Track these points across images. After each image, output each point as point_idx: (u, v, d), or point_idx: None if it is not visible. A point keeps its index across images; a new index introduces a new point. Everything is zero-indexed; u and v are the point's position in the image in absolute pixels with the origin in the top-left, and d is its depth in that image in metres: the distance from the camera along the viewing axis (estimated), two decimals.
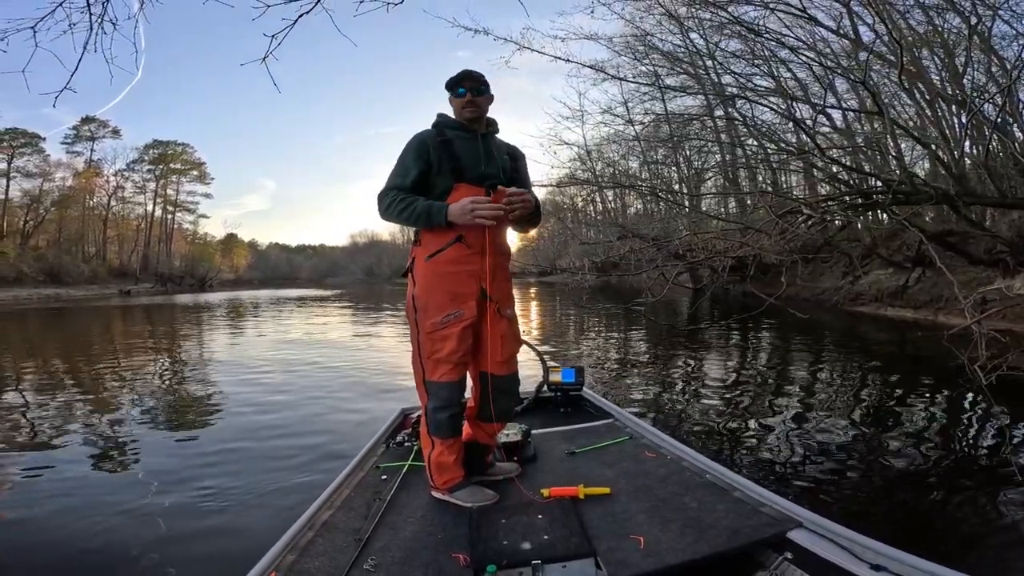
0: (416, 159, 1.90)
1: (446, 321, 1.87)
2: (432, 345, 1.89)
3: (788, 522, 1.62)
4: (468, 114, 1.96)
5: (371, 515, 1.80)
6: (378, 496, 1.95)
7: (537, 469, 2.19)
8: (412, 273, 1.94)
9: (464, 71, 1.97)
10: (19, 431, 4.55)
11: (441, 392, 1.91)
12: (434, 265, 1.87)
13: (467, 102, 1.94)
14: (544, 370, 3.15)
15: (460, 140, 1.94)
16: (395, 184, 1.90)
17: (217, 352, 9.52)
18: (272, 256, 78.80)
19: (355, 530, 1.71)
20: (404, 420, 2.80)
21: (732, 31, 8.14)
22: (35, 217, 44.04)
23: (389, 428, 2.71)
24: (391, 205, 1.86)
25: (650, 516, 1.73)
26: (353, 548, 1.59)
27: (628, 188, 11.74)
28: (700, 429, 4.14)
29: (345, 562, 1.52)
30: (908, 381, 5.56)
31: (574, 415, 3.02)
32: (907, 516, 2.70)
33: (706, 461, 2.13)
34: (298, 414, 4.81)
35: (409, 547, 1.62)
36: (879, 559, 1.40)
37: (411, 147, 1.92)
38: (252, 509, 2.86)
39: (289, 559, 1.54)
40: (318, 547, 1.61)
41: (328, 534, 1.69)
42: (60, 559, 2.44)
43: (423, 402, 1.97)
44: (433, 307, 1.87)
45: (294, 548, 1.60)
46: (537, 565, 1.48)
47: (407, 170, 1.90)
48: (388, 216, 1.89)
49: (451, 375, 1.90)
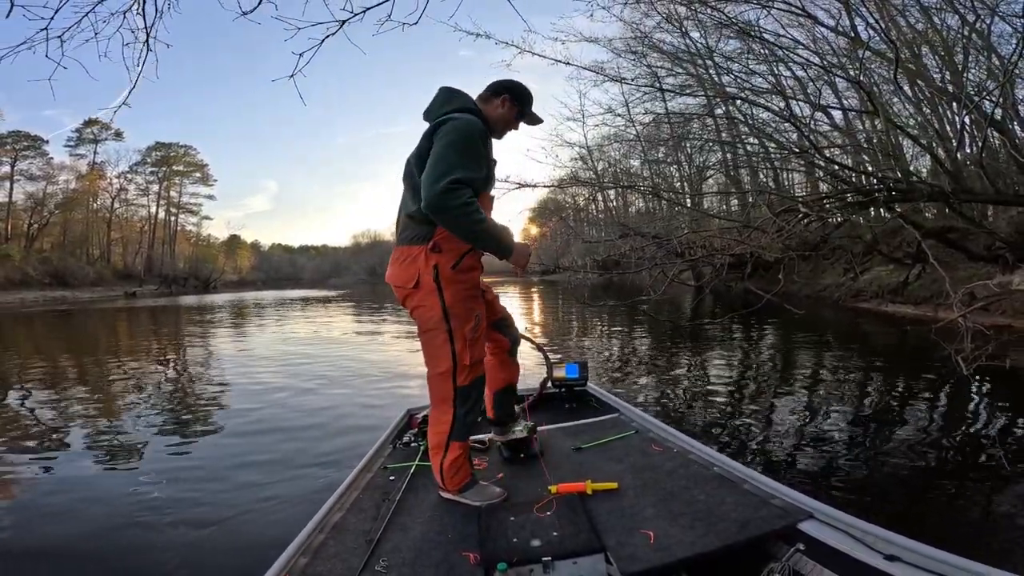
0: (483, 157, 1.76)
1: (477, 324, 1.90)
2: (472, 350, 1.88)
3: (799, 513, 1.61)
4: (502, 132, 1.96)
5: (380, 516, 1.81)
6: (387, 497, 1.96)
7: (544, 465, 2.17)
8: (438, 283, 1.80)
9: (532, 97, 1.97)
10: (33, 432, 4.65)
11: (473, 393, 1.92)
12: (461, 273, 1.84)
13: (515, 123, 1.97)
14: (548, 366, 3.11)
15: (489, 146, 1.88)
16: (465, 179, 1.64)
17: (224, 354, 9.61)
18: (275, 257, 78.90)
19: (365, 531, 1.72)
20: (410, 420, 2.79)
21: (731, 31, 8.21)
22: (39, 220, 44.29)
23: (395, 429, 2.70)
24: (468, 208, 1.63)
25: (659, 510, 1.73)
26: (364, 549, 1.61)
27: (629, 188, 11.79)
28: (706, 423, 4.19)
29: (357, 564, 1.53)
30: (911, 374, 5.63)
31: (579, 410, 3.01)
32: (918, 506, 2.73)
33: (714, 454, 2.12)
34: (304, 415, 4.87)
35: (419, 547, 1.63)
36: (892, 549, 1.39)
37: (477, 138, 1.75)
38: (261, 511, 2.89)
39: (302, 562, 1.55)
40: (330, 549, 1.63)
41: (339, 536, 1.71)
42: (69, 560, 2.48)
43: (448, 412, 1.91)
44: (466, 314, 1.86)
45: (307, 551, 1.61)
46: (547, 562, 1.49)
47: (477, 167, 1.71)
48: (457, 215, 1.63)
49: (481, 371, 1.96)
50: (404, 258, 1.85)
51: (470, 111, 1.83)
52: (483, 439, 2.43)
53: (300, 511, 2.53)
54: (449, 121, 1.75)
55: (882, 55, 8.28)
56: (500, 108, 1.92)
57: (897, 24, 8.46)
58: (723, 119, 11.08)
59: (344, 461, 3.40)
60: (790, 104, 8.50)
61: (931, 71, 9.42)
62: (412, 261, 1.81)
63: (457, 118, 1.76)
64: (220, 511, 2.90)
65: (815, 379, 5.78)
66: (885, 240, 12.94)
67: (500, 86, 1.96)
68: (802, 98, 9.69)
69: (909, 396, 4.83)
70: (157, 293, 41.06)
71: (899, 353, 7.26)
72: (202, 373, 7.54)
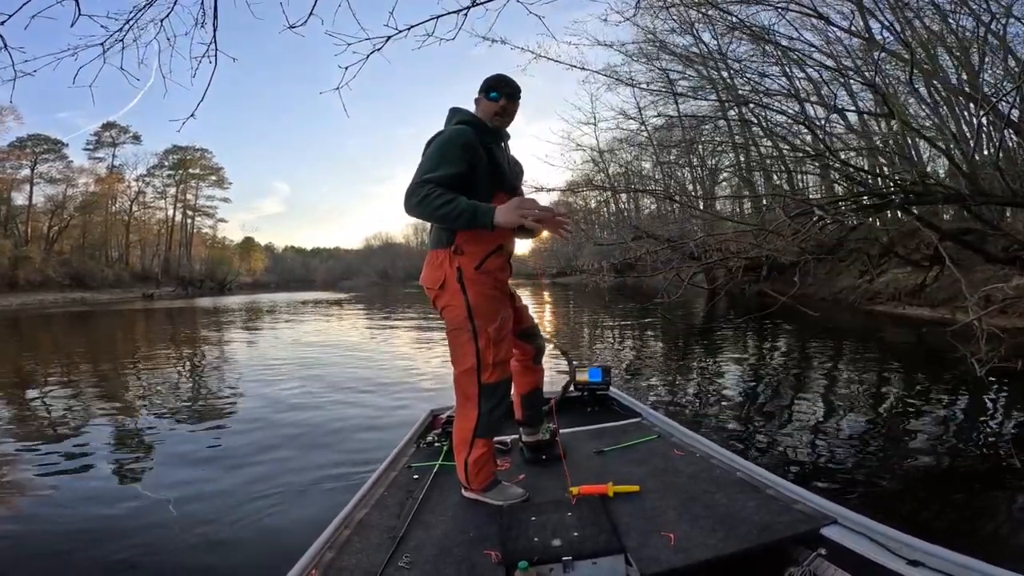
0: (462, 156, 1.80)
1: (502, 323, 1.95)
2: (496, 349, 1.92)
3: (822, 518, 1.61)
4: (498, 120, 1.96)
5: (404, 514, 1.84)
6: (411, 495, 2.00)
7: (566, 467, 2.15)
8: (462, 283, 1.87)
9: (499, 75, 1.96)
10: (67, 429, 4.77)
11: (498, 391, 1.96)
12: (484, 274, 1.90)
13: (500, 108, 1.94)
14: (571, 370, 3.15)
15: (494, 145, 1.94)
16: (433, 178, 1.74)
17: (246, 354, 9.77)
18: (288, 259, 79.58)
19: (389, 528, 1.76)
20: (434, 420, 2.84)
21: (743, 33, 8.21)
22: (59, 222, 44.96)
23: (419, 428, 2.74)
24: (428, 198, 1.71)
25: (680, 513, 1.74)
26: (388, 546, 1.64)
27: (647, 193, 11.80)
28: (725, 427, 4.19)
29: (381, 559, 1.57)
30: (932, 377, 5.59)
31: (601, 414, 3.02)
32: (942, 510, 2.72)
33: (736, 459, 2.13)
34: (327, 415, 4.94)
35: (442, 545, 1.66)
36: (916, 554, 1.38)
37: (455, 143, 1.81)
38: (288, 507, 2.96)
39: (328, 556, 1.59)
40: (355, 545, 1.66)
41: (364, 532, 1.74)
42: (89, 558, 2.53)
43: (472, 409, 1.95)
44: (490, 314, 1.91)
45: (332, 546, 1.65)
46: (568, 561, 1.50)
47: (450, 165, 1.77)
48: (422, 209, 1.73)
49: (505, 371, 1.99)
50: (432, 261, 1.94)
51: (463, 122, 1.91)
52: (506, 440, 2.47)
53: (325, 508, 2.61)
54: (436, 136, 1.89)
55: (898, 55, 8.25)
56: (479, 107, 1.99)
57: (912, 25, 8.42)
58: (737, 121, 11.07)
59: (369, 461, 3.42)
60: (804, 107, 8.50)
61: (947, 72, 9.36)
62: (439, 264, 1.91)
63: (442, 131, 1.90)
64: (248, 508, 2.97)
65: (834, 382, 5.76)
66: (902, 242, 12.85)
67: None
68: (816, 100, 9.65)
69: (930, 398, 4.80)
70: (174, 295, 41.64)
71: (918, 355, 7.22)
72: (226, 373, 7.62)
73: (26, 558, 2.55)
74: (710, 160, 17.57)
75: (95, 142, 50.37)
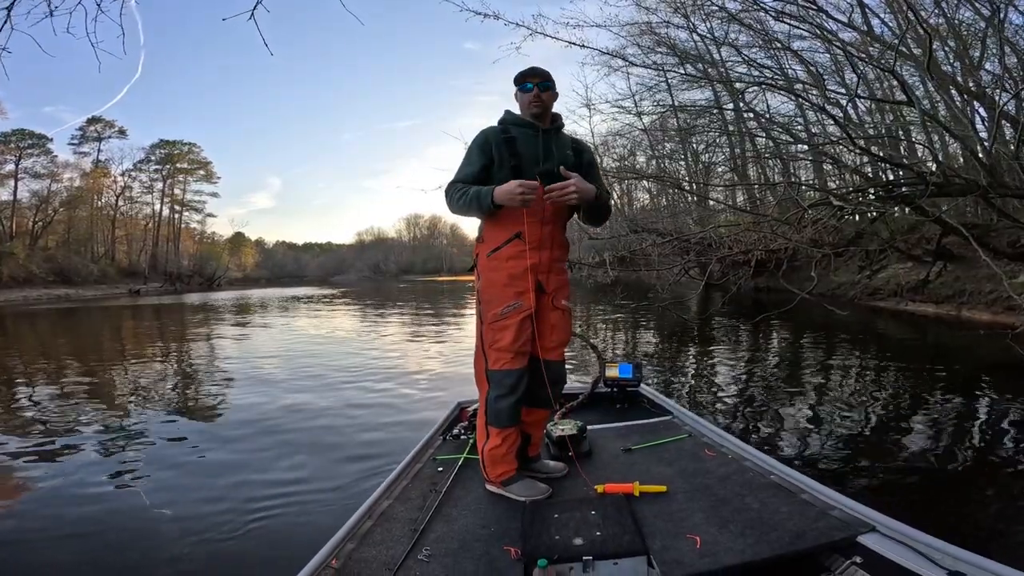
0: (479, 154, 1.99)
1: (506, 312, 1.96)
2: (493, 335, 1.98)
3: (860, 525, 1.55)
4: (534, 109, 2.02)
5: (427, 506, 1.83)
6: (434, 488, 1.99)
7: (592, 465, 2.16)
8: (477, 269, 2.05)
9: (531, 68, 2.04)
10: (66, 430, 4.51)
11: (504, 380, 1.97)
12: (495, 260, 1.99)
13: (533, 97, 2.00)
14: (600, 365, 3.14)
15: (523, 136, 2.01)
16: (459, 177, 2.00)
17: (250, 350, 9.54)
18: (279, 254, 79.05)
19: (411, 520, 1.75)
20: (460, 413, 2.82)
21: (744, 19, 8.02)
22: (44, 218, 44.20)
23: (446, 421, 2.74)
24: (449, 195, 1.99)
25: (708, 516, 1.70)
26: (409, 538, 1.63)
27: (644, 178, 11.58)
28: (757, 427, 4.06)
29: (401, 551, 1.56)
30: (967, 380, 5.29)
31: (631, 411, 2.98)
32: (985, 518, 2.58)
33: (770, 461, 2.06)
34: (347, 407, 4.92)
35: (462, 538, 1.65)
36: (957, 565, 1.32)
37: (476, 143, 2.02)
38: (312, 498, 2.94)
39: (349, 547, 1.59)
40: (376, 536, 1.66)
41: (386, 524, 1.74)
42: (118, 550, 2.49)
43: (483, 392, 2.03)
44: (495, 299, 1.98)
45: (354, 536, 1.65)
46: (588, 561, 1.46)
47: (468, 166, 2.01)
48: (452, 206, 1.99)
49: (512, 363, 1.97)
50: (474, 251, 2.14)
51: (500, 122, 2.07)
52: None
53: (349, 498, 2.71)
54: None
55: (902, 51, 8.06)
56: (517, 100, 2.08)
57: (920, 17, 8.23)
58: (732, 112, 10.84)
59: (392, 454, 3.40)
60: (807, 95, 8.29)
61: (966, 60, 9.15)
62: (474, 253, 2.12)
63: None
64: (271, 500, 2.93)
65: (864, 383, 5.54)
66: (902, 237, 12.70)
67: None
68: (821, 95, 9.43)
69: (971, 401, 4.50)
70: (161, 291, 41.00)
71: (940, 356, 6.96)
72: (237, 369, 7.37)
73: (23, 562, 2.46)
74: (705, 156, 17.45)
75: (80, 136, 49.58)
